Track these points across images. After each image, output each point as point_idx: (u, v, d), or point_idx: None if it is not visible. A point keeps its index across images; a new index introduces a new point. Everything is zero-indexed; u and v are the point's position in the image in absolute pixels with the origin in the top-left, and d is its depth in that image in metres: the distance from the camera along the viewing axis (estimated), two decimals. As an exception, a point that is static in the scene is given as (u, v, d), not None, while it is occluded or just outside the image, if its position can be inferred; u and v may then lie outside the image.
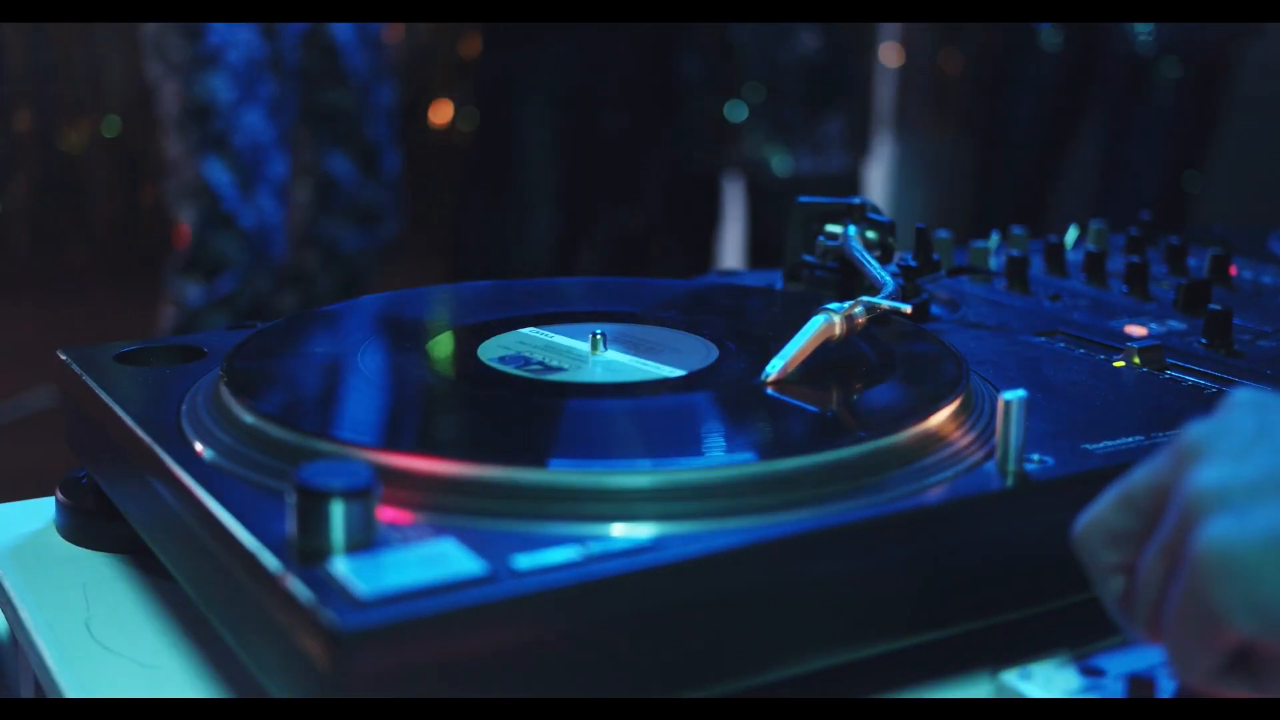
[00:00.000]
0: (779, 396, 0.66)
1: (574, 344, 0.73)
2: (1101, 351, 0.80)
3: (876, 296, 0.72)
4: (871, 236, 0.87)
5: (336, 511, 0.51)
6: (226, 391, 0.65)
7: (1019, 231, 1.04)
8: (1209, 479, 0.47)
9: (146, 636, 0.65)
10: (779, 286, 0.93)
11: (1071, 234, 1.08)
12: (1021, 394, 0.60)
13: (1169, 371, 0.76)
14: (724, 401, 0.65)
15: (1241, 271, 1.04)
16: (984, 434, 0.64)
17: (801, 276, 0.90)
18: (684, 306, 0.82)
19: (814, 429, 0.63)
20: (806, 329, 0.69)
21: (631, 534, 0.53)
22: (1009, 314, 0.89)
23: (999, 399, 0.60)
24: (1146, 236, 1.07)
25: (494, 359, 0.71)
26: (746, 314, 0.83)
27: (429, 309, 0.83)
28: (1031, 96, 2.86)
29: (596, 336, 0.72)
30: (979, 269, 0.96)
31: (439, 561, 0.50)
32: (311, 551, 0.51)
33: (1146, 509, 0.51)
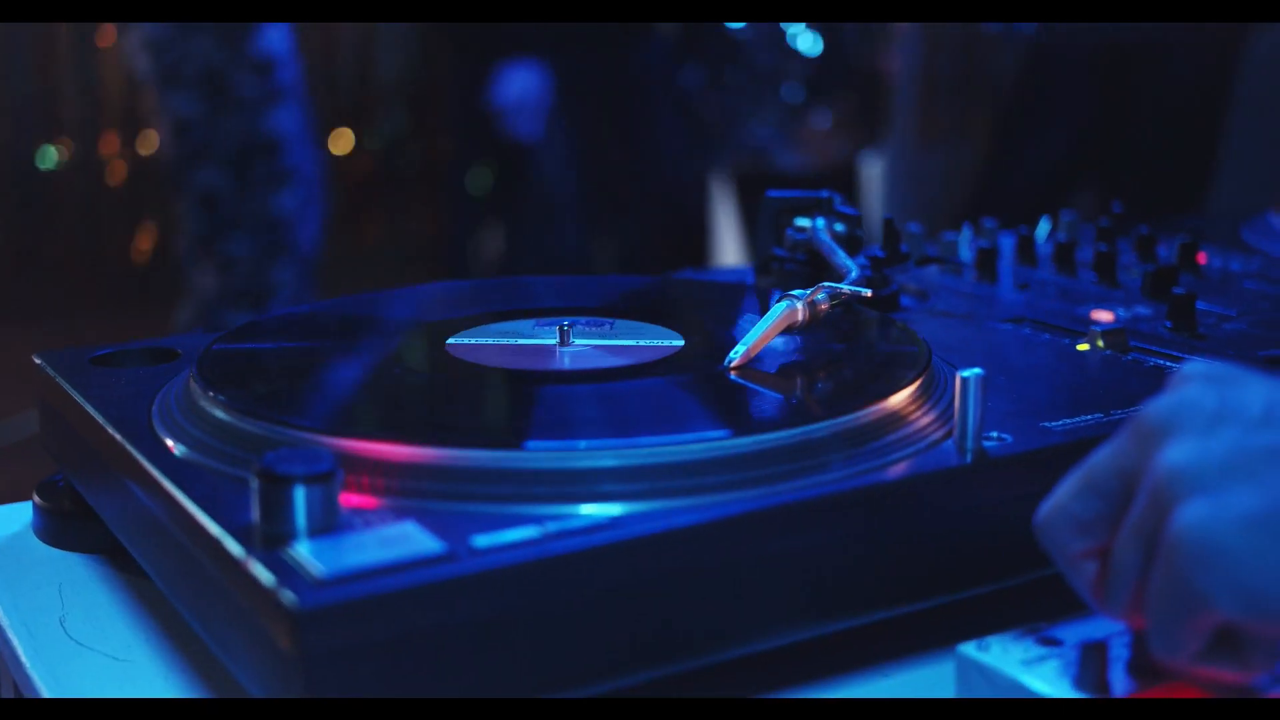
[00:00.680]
0: (742, 381, 0.66)
1: (541, 336, 0.74)
2: (1067, 336, 0.81)
3: (839, 283, 0.73)
4: (840, 229, 0.88)
5: (298, 496, 0.52)
6: (197, 387, 0.65)
7: (990, 224, 1.05)
8: (1178, 459, 0.47)
9: (120, 632, 0.66)
10: (750, 281, 0.94)
11: (1043, 226, 1.09)
12: (978, 372, 0.61)
13: (1132, 354, 0.77)
14: (686, 385, 0.66)
15: (1212, 259, 1.04)
16: (945, 414, 0.65)
17: (772, 270, 0.90)
18: (651, 301, 0.83)
19: (774, 410, 0.64)
20: (769, 315, 0.69)
21: (592, 514, 0.54)
22: (978, 303, 0.90)
23: (956, 376, 0.61)
24: (1117, 227, 1.08)
25: (459, 350, 0.72)
26: (712, 306, 0.84)
27: (397, 307, 0.84)
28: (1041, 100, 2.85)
29: (564, 328, 0.73)
30: (947, 259, 0.96)
31: (399, 542, 0.51)
32: (275, 536, 0.52)
33: (1112, 493, 0.50)
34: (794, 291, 0.71)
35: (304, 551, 0.50)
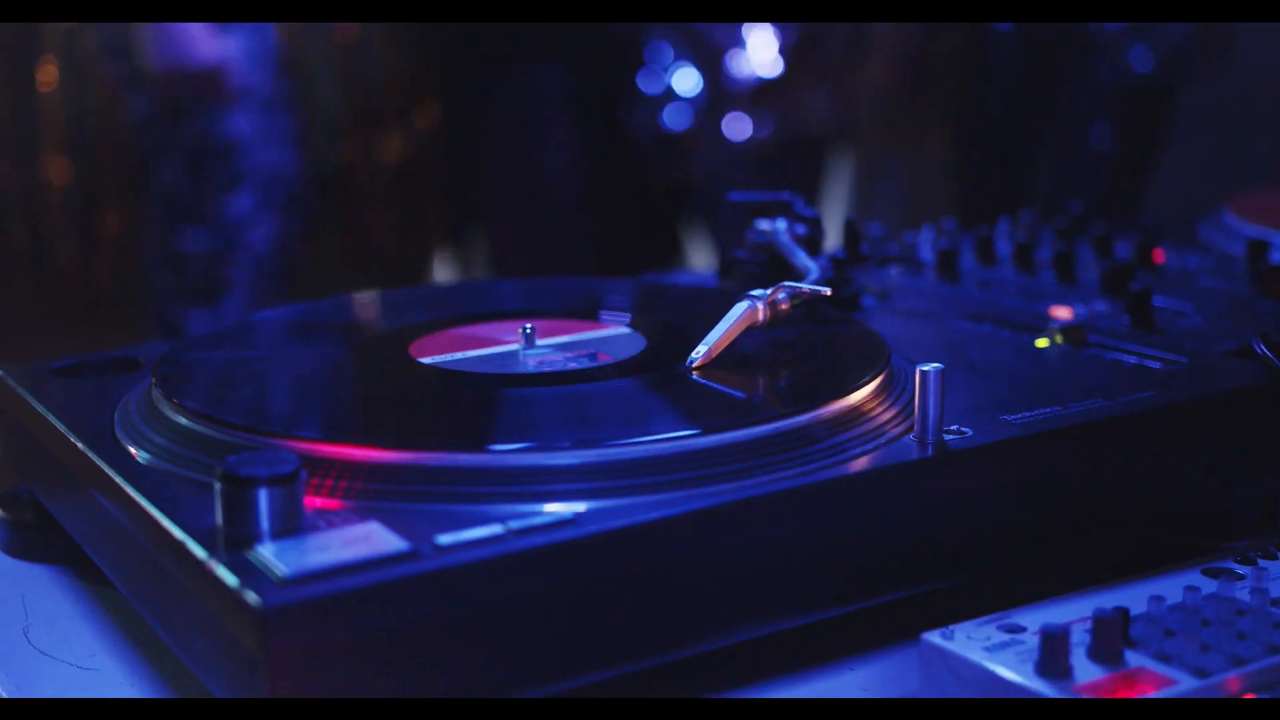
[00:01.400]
0: (703, 380, 0.67)
1: (504, 339, 0.74)
2: (1026, 333, 0.81)
3: (796, 282, 0.73)
4: (801, 231, 0.89)
5: (261, 499, 0.52)
6: (158, 394, 0.65)
7: (950, 225, 1.06)
8: None
9: (85, 641, 0.65)
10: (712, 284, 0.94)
11: (1002, 227, 1.10)
12: (938, 366, 0.61)
13: (1090, 349, 0.78)
14: (648, 385, 0.66)
15: (1169, 257, 1.06)
16: (906, 410, 0.65)
17: (734, 272, 0.91)
18: (613, 303, 0.84)
19: (736, 407, 0.65)
20: (730, 315, 0.70)
21: (553, 511, 0.54)
22: (939, 302, 0.90)
23: (916, 371, 0.61)
24: (1076, 227, 1.09)
25: (420, 354, 0.72)
26: (673, 308, 0.84)
27: (357, 312, 0.84)
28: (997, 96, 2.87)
29: (526, 331, 0.73)
30: (908, 259, 0.97)
31: (362, 542, 0.51)
32: (238, 539, 0.52)
33: None
34: (754, 291, 0.71)
35: (267, 553, 0.50)
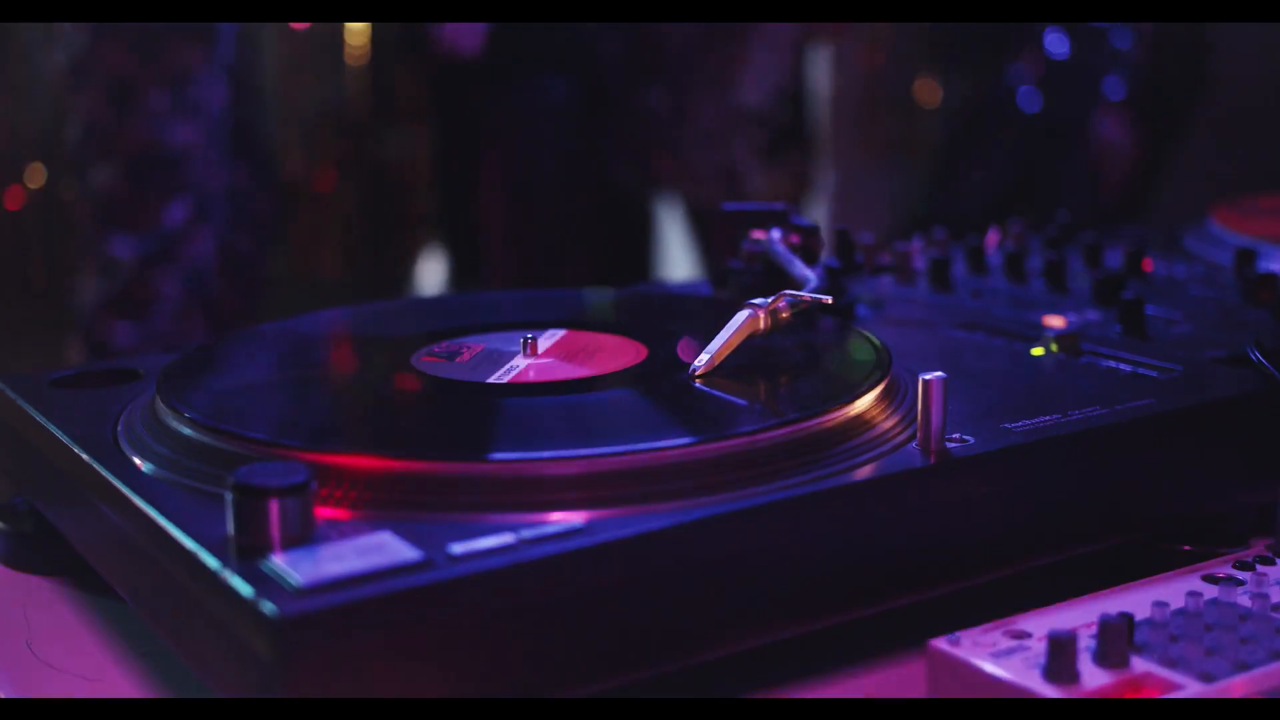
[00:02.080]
0: (707, 388, 0.67)
1: (506, 349, 0.75)
2: (1020, 341, 0.82)
3: (797, 291, 0.74)
4: (796, 241, 0.89)
5: (273, 509, 0.52)
6: (163, 405, 0.65)
7: (940, 234, 1.07)
8: None
9: (90, 653, 0.65)
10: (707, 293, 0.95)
11: (991, 236, 1.11)
12: (941, 374, 0.62)
13: (1085, 357, 0.79)
14: (653, 394, 0.67)
15: (1157, 266, 1.07)
16: (907, 418, 0.66)
17: (728, 282, 0.91)
18: (613, 313, 0.84)
19: (740, 415, 0.65)
20: (732, 323, 0.70)
21: (564, 520, 0.55)
22: (932, 311, 0.91)
23: (919, 379, 0.62)
24: (1064, 236, 1.10)
25: (425, 364, 0.72)
26: (673, 317, 0.84)
27: (358, 324, 0.84)
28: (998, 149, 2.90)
29: (527, 340, 0.73)
30: (901, 268, 0.98)
31: (375, 551, 0.51)
32: (251, 549, 0.52)
33: None
34: (755, 300, 0.72)
35: (282, 562, 0.50)
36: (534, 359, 0.73)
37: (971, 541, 0.63)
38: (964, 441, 0.63)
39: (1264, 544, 0.66)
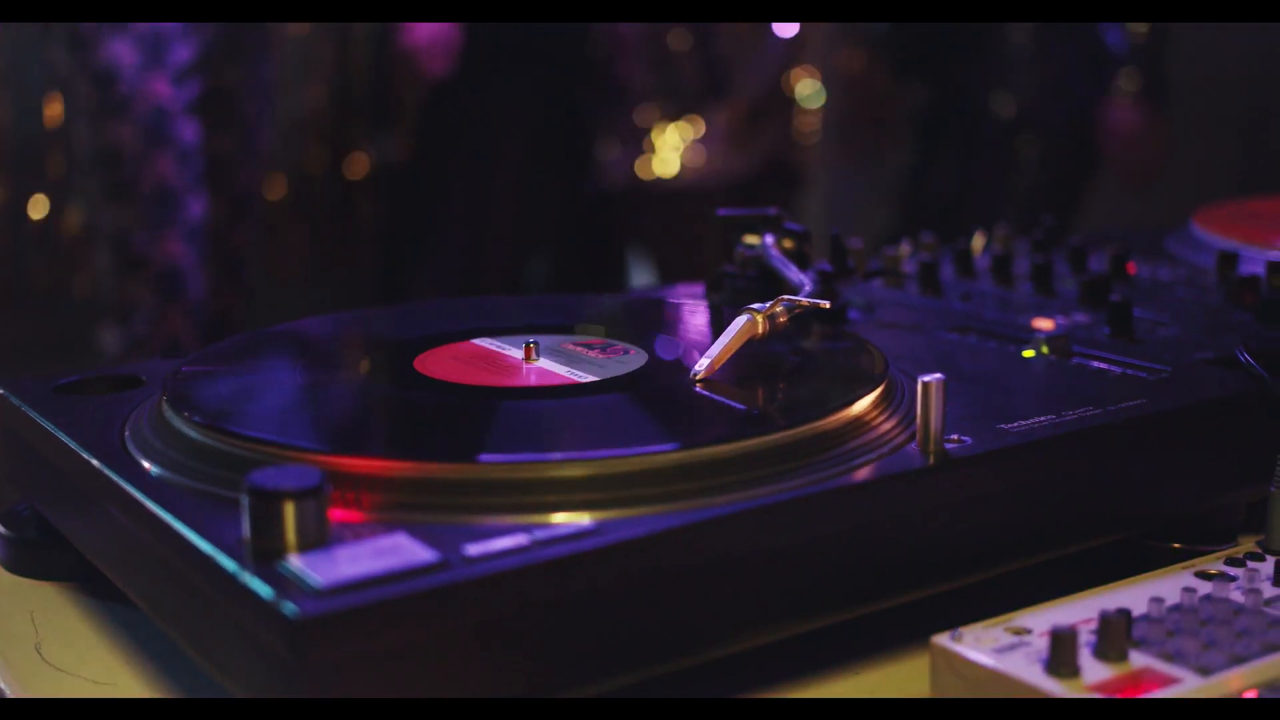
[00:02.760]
0: (708, 393, 0.68)
1: (509, 353, 0.76)
2: (1011, 344, 0.83)
3: (795, 296, 0.75)
4: (788, 245, 0.91)
5: (289, 511, 0.53)
6: (172, 410, 0.66)
7: (929, 238, 1.08)
8: None
9: (99, 657, 0.66)
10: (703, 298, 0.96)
11: (978, 240, 1.12)
12: (939, 376, 0.63)
13: (1075, 359, 0.80)
14: (657, 397, 0.68)
15: (1140, 271, 1.08)
16: (905, 420, 0.67)
17: (723, 286, 0.93)
18: (612, 317, 0.85)
19: (744, 419, 0.66)
20: (731, 328, 0.71)
21: (573, 521, 0.56)
22: (922, 314, 0.92)
23: (919, 381, 0.63)
24: (1049, 239, 1.12)
25: (429, 369, 0.73)
26: (671, 322, 0.85)
27: (364, 328, 0.85)
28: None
29: (530, 346, 0.74)
30: (892, 272, 0.99)
31: (392, 553, 0.52)
32: (267, 551, 0.53)
33: None
34: (753, 305, 0.73)
35: (300, 564, 0.51)
36: (536, 363, 0.74)
37: (969, 541, 0.64)
38: (962, 442, 0.65)
39: (1254, 541, 0.67)
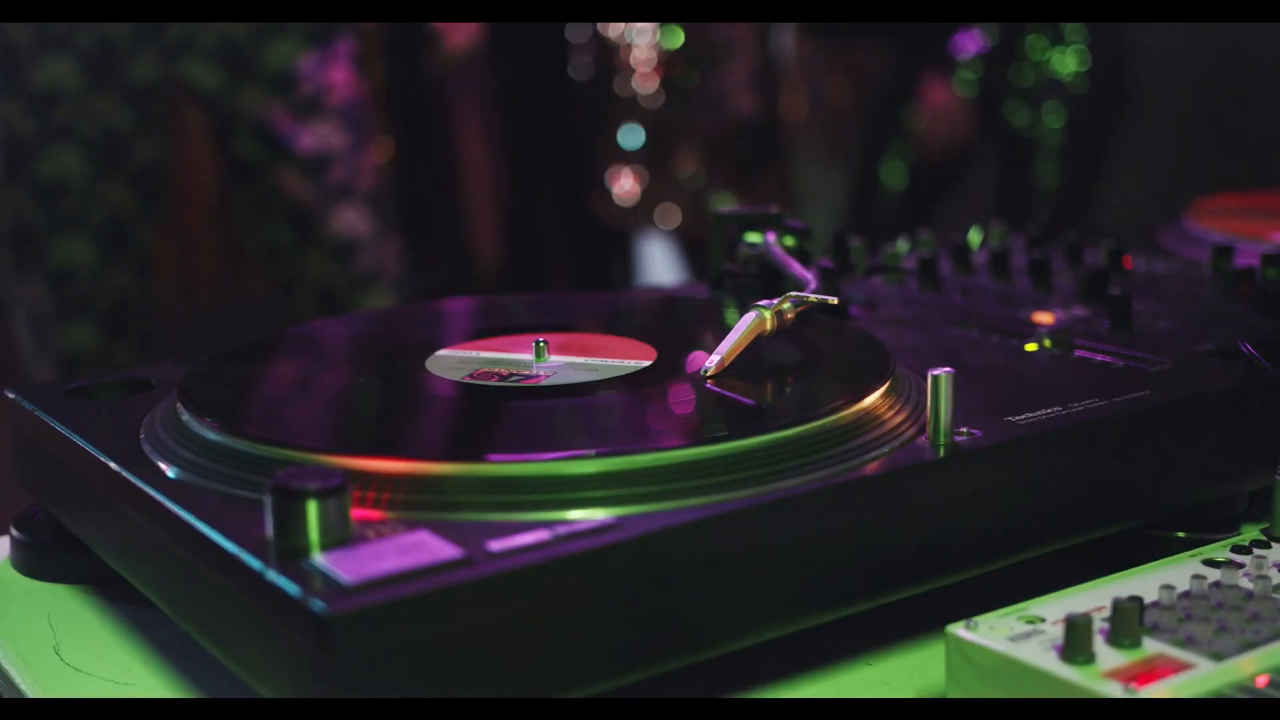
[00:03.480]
0: (719, 389, 0.69)
1: (519, 352, 0.76)
2: (1013, 338, 0.84)
3: (803, 292, 0.76)
4: (790, 242, 0.91)
5: (312, 510, 0.54)
6: (190, 412, 0.67)
7: (926, 235, 1.09)
8: None
9: (118, 657, 0.66)
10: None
11: (975, 236, 1.13)
12: (949, 370, 0.64)
13: (1077, 352, 0.81)
14: (670, 394, 0.69)
15: (1135, 264, 1.09)
16: (914, 414, 0.68)
17: (725, 284, 0.93)
18: (618, 315, 0.86)
19: (756, 414, 0.67)
20: (740, 325, 0.72)
21: (593, 517, 0.56)
22: (923, 310, 0.93)
23: (928, 375, 0.64)
24: (1045, 235, 1.13)
25: (443, 368, 0.74)
26: (677, 319, 0.86)
27: (379, 328, 0.86)
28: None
29: (539, 345, 0.75)
30: (893, 268, 1.00)
31: (416, 550, 0.53)
32: (291, 550, 0.53)
33: None
34: (761, 302, 0.74)
35: (327, 562, 0.52)
36: (545, 362, 0.74)
37: (978, 533, 0.65)
38: (971, 435, 0.65)
39: (1260, 529, 0.68)
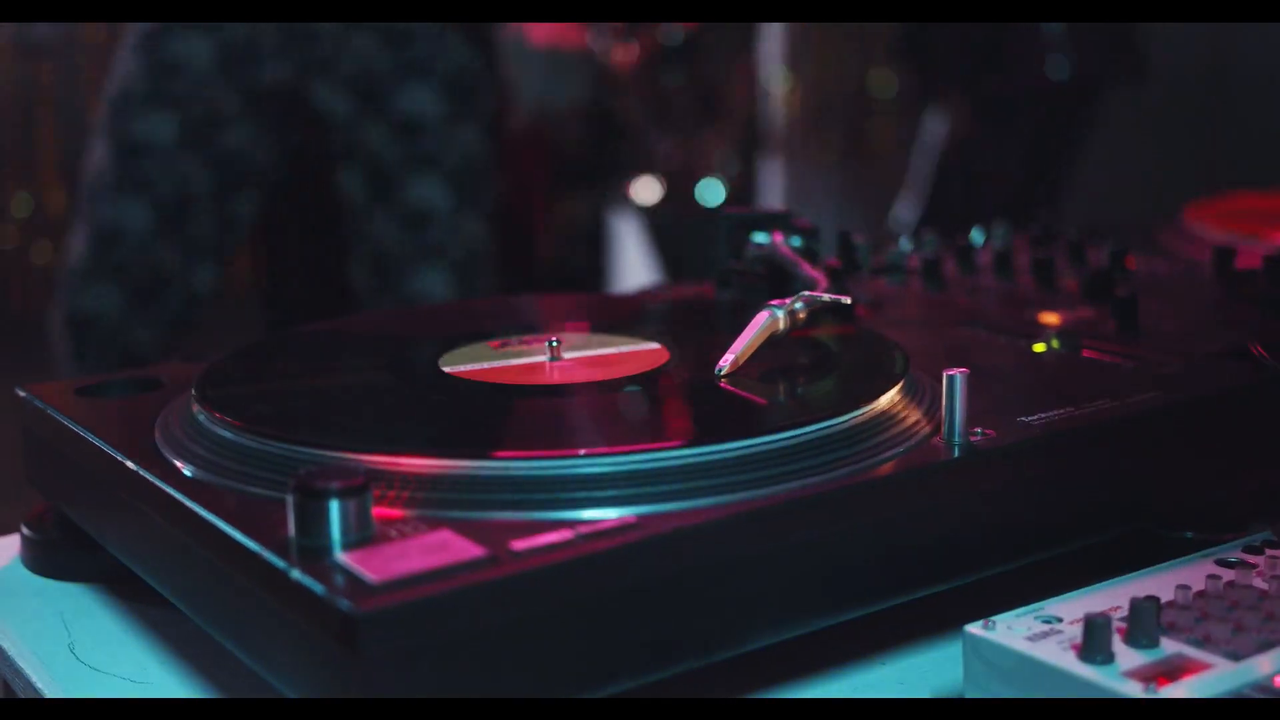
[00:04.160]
0: (735, 389, 0.69)
1: (531, 351, 0.76)
2: (1021, 338, 0.85)
3: (815, 292, 0.76)
4: (796, 242, 0.92)
5: (334, 509, 0.54)
6: (207, 410, 0.67)
7: (930, 236, 1.09)
8: None
9: (133, 655, 0.66)
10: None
11: (977, 236, 1.14)
12: (964, 371, 0.64)
13: (1085, 352, 0.81)
14: (684, 394, 0.69)
15: (1137, 263, 1.10)
16: (927, 414, 0.68)
17: (732, 283, 0.94)
18: (627, 315, 0.86)
19: (774, 414, 0.67)
20: (753, 325, 0.72)
21: (609, 516, 0.56)
22: (929, 310, 0.94)
23: (943, 375, 0.64)
24: (1048, 235, 1.14)
25: (456, 367, 0.74)
26: (686, 319, 0.86)
27: (394, 326, 0.86)
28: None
29: (552, 344, 0.75)
30: (899, 268, 1.00)
31: (441, 549, 0.53)
32: (314, 549, 0.53)
33: None
34: (774, 301, 0.74)
35: (351, 561, 0.52)
36: (559, 362, 0.74)
37: (991, 533, 0.65)
38: (985, 435, 0.66)
39: (1271, 528, 0.69)
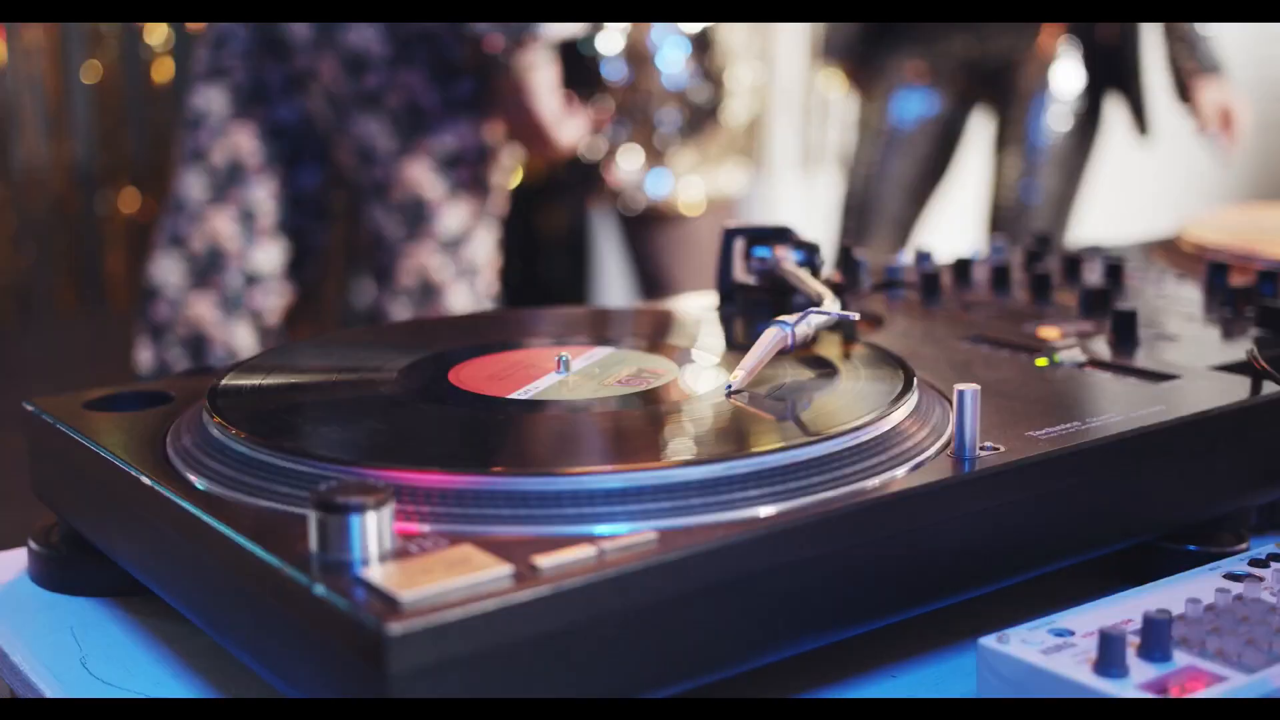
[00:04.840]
0: (745, 404, 0.70)
1: (540, 366, 0.77)
2: (1023, 352, 0.85)
3: (822, 308, 0.77)
4: (799, 257, 0.92)
5: (355, 524, 0.54)
6: (220, 425, 0.67)
7: (927, 251, 1.10)
8: None
9: (145, 669, 0.66)
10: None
11: (975, 251, 1.15)
12: (975, 387, 0.65)
13: (1088, 366, 0.82)
14: (697, 409, 0.69)
15: (1132, 278, 1.11)
16: (935, 429, 0.69)
17: (735, 298, 0.94)
18: (636, 329, 0.86)
19: (787, 430, 0.68)
20: (762, 341, 0.73)
21: (632, 531, 0.57)
22: (929, 325, 0.94)
23: (955, 390, 0.65)
24: (1044, 250, 1.15)
25: (465, 382, 0.74)
26: (694, 333, 0.87)
27: (407, 339, 0.86)
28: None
29: (562, 359, 0.75)
30: (899, 283, 1.01)
31: (464, 564, 0.53)
32: (336, 564, 0.54)
33: None
34: (783, 318, 0.74)
35: (374, 577, 0.52)
36: (569, 376, 0.75)
37: (1000, 547, 0.66)
38: (995, 450, 0.66)
39: (1275, 542, 0.69)
